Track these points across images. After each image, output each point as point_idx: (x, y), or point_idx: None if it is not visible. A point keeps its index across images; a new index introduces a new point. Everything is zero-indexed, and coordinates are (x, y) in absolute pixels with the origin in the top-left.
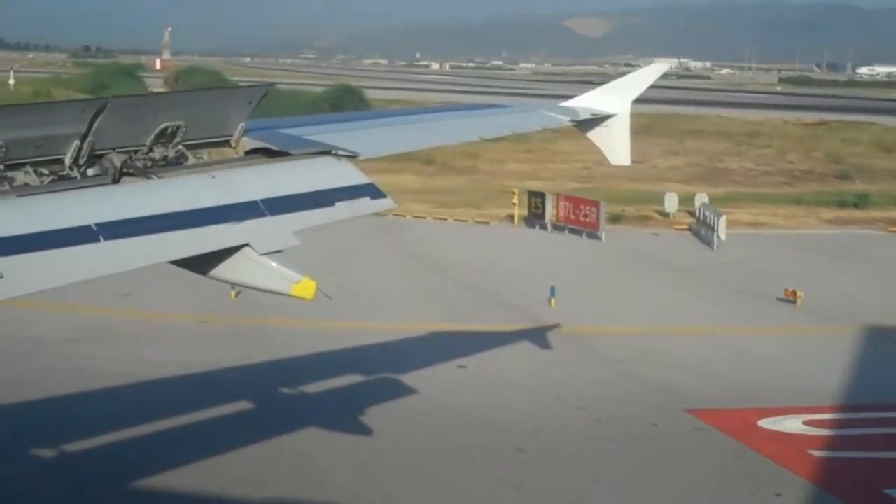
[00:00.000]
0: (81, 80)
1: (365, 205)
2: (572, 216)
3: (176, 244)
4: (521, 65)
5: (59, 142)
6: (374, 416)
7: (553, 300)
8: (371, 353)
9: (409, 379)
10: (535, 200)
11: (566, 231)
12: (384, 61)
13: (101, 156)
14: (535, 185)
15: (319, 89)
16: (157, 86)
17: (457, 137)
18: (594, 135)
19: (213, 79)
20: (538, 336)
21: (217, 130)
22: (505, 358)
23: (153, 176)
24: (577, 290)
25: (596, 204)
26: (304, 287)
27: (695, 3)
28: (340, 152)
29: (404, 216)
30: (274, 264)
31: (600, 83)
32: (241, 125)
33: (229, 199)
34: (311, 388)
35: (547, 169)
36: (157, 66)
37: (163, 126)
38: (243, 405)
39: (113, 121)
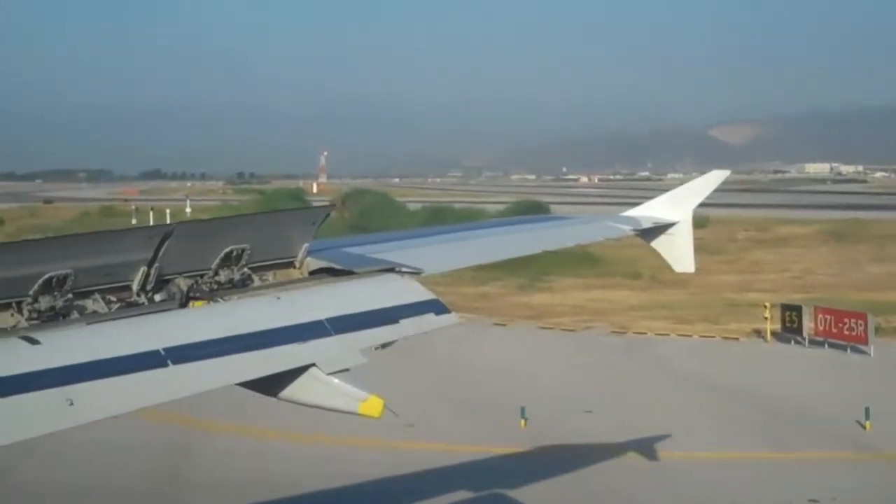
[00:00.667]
0: (253, 205)
1: (430, 321)
2: (834, 329)
3: (243, 366)
4: (669, 175)
5: (126, 268)
6: None
7: (868, 423)
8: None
9: None
10: (790, 314)
11: (825, 346)
12: (531, 176)
13: (167, 281)
14: (756, 298)
15: (498, 206)
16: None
17: (520, 250)
18: (657, 243)
19: (379, 199)
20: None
21: (281, 252)
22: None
23: (219, 299)
24: (884, 411)
25: (863, 316)
26: (372, 405)
27: (840, 109)
28: (404, 269)
29: (646, 333)
30: (341, 383)
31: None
32: (305, 246)
33: (295, 320)
34: None
35: (758, 280)
36: (315, 189)
37: (228, 249)
38: None
39: (179, 246)
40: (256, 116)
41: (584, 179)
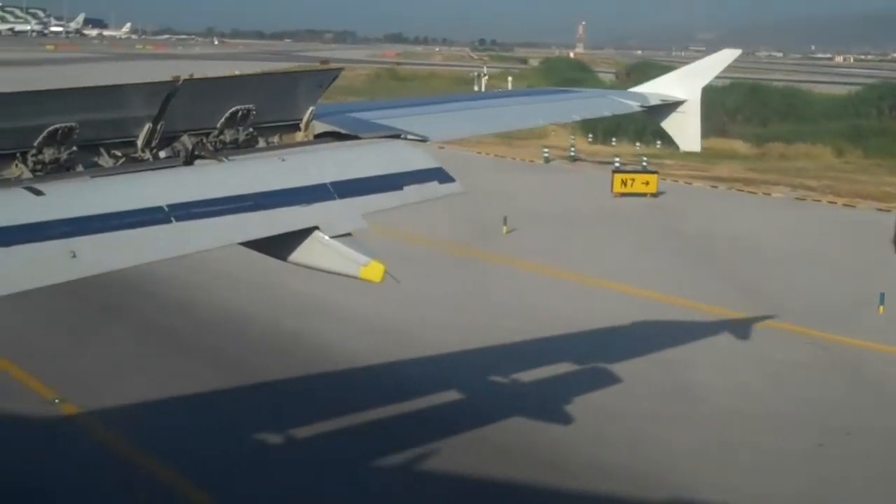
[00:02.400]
0: (534, 74)
1: (433, 189)
2: None
3: (246, 226)
4: None
5: (131, 124)
6: None
7: None
8: None
9: None
10: None
11: None
12: (779, 54)
13: (173, 138)
14: None
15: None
16: (608, 80)
17: (525, 122)
18: (664, 121)
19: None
20: None
21: (287, 114)
22: None
23: (224, 159)
24: None
25: None
26: (373, 270)
27: None
28: (409, 136)
29: None
30: (342, 247)
31: None
32: (311, 109)
33: (298, 182)
34: None
35: None
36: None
37: (234, 109)
38: None
39: (185, 103)
40: None
41: (840, 59)
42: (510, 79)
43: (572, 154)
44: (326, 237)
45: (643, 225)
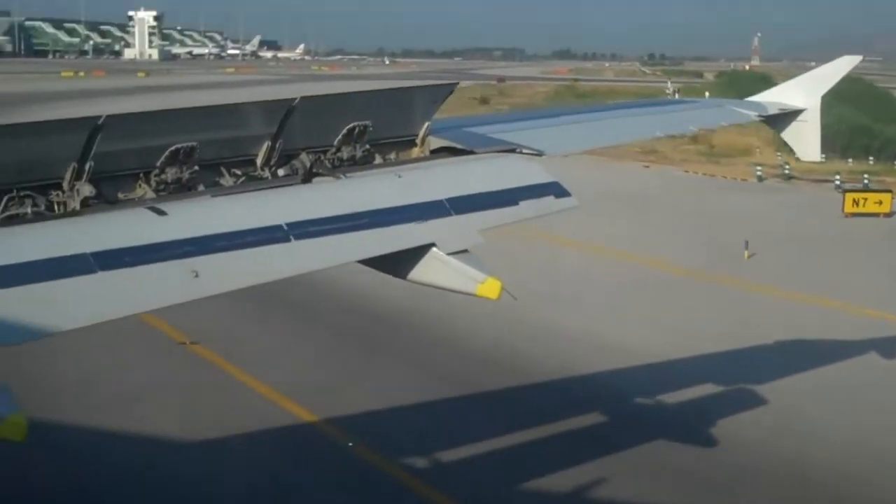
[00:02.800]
0: (715, 87)
1: (549, 203)
2: None
3: (363, 244)
4: None
5: (250, 142)
6: None
7: None
8: None
9: None
10: None
11: None
12: None
13: (291, 156)
14: None
15: None
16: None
17: (640, 134)
18: (783, 130)
19: (863, 87)
20: None
21: (403, 130)
22: None
23: (341, 176)
24: None
25: None
26: (490, 287)
27: None
28: (525, 150)
29: None
30: (459, 264)
31: None
32: (427, 124)
33: (415, 199)
34: None
35: None
36: (747, 69)
37: (351, 126)
38: None
39: (302, 121)
40: None
41: None
42: (707, 94)
43: (787, 172)
44: (443, 254)
45: (890, 247)
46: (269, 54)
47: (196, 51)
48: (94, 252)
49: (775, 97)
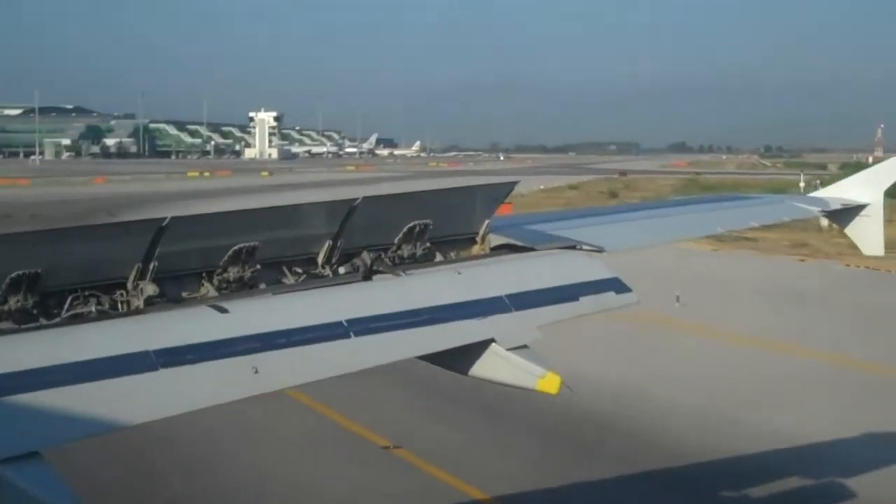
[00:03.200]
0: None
1: (609, 300)
2: None
3: (424, 340)
4: None
5: (312, 241)
6: None
7: None
8: None
9: None
10: None
11: None
12: None
13: (352, 255)
14: None
15: None
16: None
17: (702, 230)
18: (845, 225)
19: None
20: None
21: (464, 228)
22: None
23: (402, 273)
24: None
25: None
26: (549, 382)
27: None
28: (585, 247)
29: None
30: (519, 359)
31: None
32: (487, 222)
33: (475, 295)
34: None
35: None
36: (870, 161)
37: (411, 224)
38: None
39: (363, 220)
40: (781, 84)
41: None
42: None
43: None
44: (503, 349)
45: None
46: (385, 152)
47: (314, 149)
48: (157, 349)
49: (838, 192)
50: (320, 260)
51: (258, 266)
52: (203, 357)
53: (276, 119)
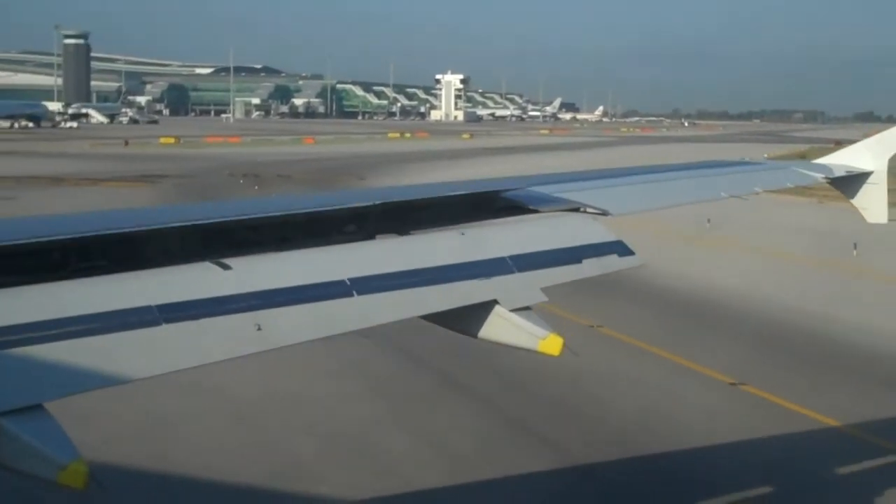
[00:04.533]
0: None
1: (613, 262)
2: None
3: (427, 300)
4: None
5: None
6: None
7: None
8: None
9: None
10: None
11: None
12: None
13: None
14: None
15: None
16: None
17: (706, 195)
18: (849, 192)
19: None
20: None
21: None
22: None
23: (406, 233)
24: None
25: None
26: (551, 343)
27: None
28: (589, 210)
29: None
30: (522, 320)
31: None
32: None
33: (478, 256)
34: None
35: None
36: None
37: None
38: None
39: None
40: None
41: None
42: None
43: None
44: (506, 311)
45: None
46: (568, 116)
47: (498, 112)
48: (160, 305)
49: (843, 159)
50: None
51: None
52: (206, 313)
53: (463, 81)
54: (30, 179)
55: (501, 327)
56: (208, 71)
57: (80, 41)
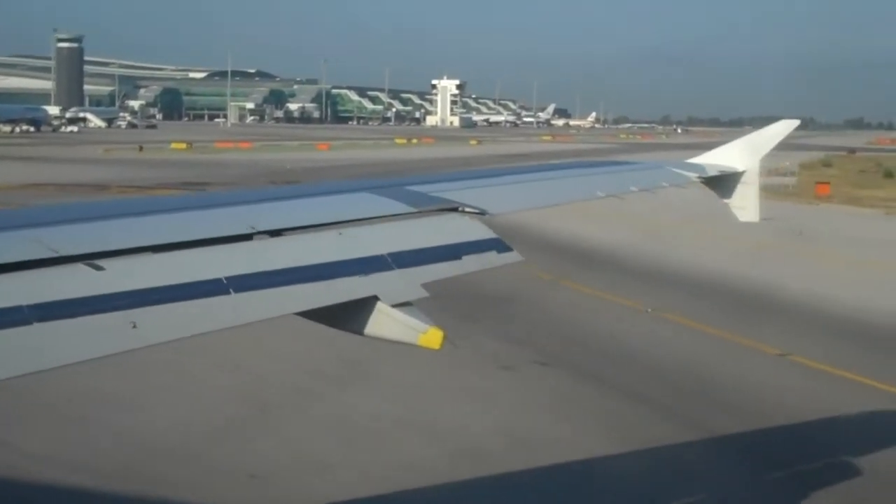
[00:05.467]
0: None
1: (492, 258)
2: None
3: (305, 296)
4: None
5: None
6: None
7: None
8: None
9: None
10: None
11: None
12: None
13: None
14: None
15: None
16: None
17: (581, 195)
18: (722, 192)
19: None
20: None
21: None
22: None
23: (283, 233)
24: None
25: None
26: (432, 337)
27: None
28: (467, 209)
29: None
30: (400, 314)
31: None
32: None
33: (356, 255)
34: None
35: None
36: None
37: None
38: None
39: None
40: None
41: None
42: None
43: None
44: (387, 306)
45: None
46: (560, 122)
47: (493, 118)
48: (31, 304)
49: (714, 159)
50: None
51: None
52: (80, 312)
53: (459, 87)
54: (73, 187)
55: (384, 324)
56: (202, 75)
57: (74, 45)
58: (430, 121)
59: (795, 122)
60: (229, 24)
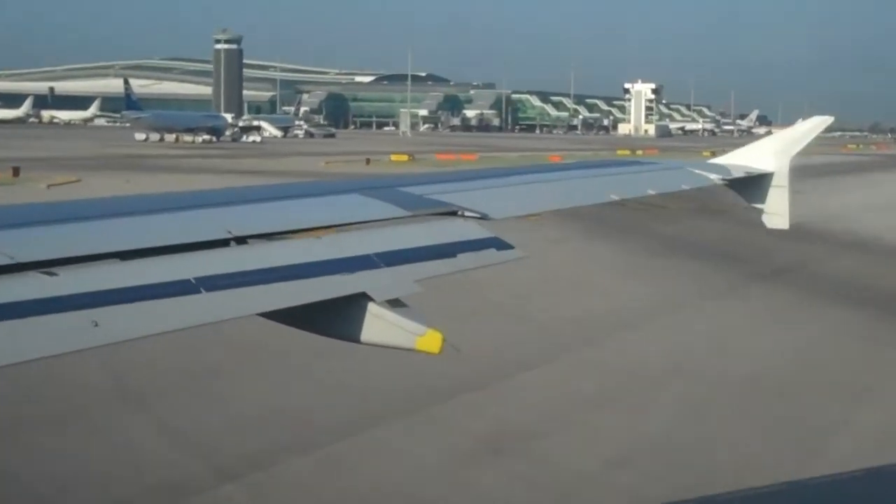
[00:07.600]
0: None
1: (490, 255)
2: None
3: (281, 293)
4: None
5: None
6: None
7: None
8: None
9: None
10: None
11: None
12: None
13: None
14: None
15: None
16: None
17: (594, 197)
18: (749, 196)
19: None
20: None
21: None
22: None
23: (267, 238)
24: None
25: None
26: (430, 340)
27: None
28: (467, 213)
29: None
30: (397, 317)
31: None
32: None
33: (343, 255)
34: None
35: None
36: None
37: None
38: None
39: None
40: None
41: None
42: None
43: None
44: (378, 308)
45: None
46: (762, 130)
47: (689, 126)
48: None
49: (739, 159)
50: None
51: None
52: (38, 312)
53: (655, 91)
54: None
55: (377, 327)
56: (369, 79)
57: (233, 46)
58: (622, 129)
59: (829, 119)
60: (396, 23)
